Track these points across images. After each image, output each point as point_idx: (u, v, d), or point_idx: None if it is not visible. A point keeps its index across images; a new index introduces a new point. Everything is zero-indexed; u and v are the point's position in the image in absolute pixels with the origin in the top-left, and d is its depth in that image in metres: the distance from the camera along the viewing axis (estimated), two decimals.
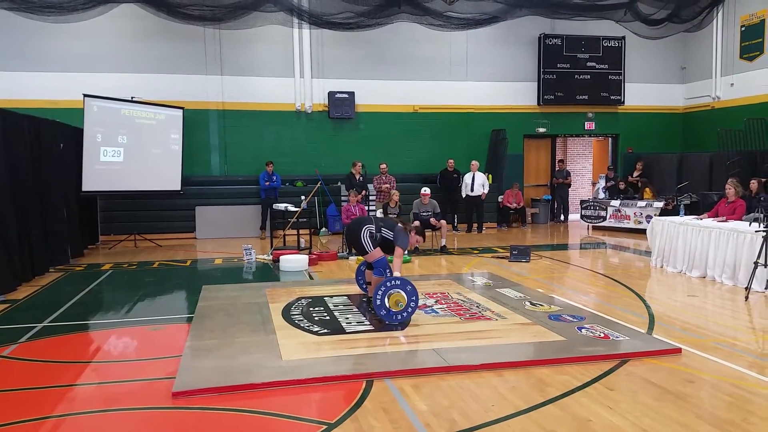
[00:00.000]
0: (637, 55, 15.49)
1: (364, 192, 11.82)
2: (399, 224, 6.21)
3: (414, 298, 5.61)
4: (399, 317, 5.57)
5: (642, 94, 15.73)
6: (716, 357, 4.72)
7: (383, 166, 13.04)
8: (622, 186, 14.28)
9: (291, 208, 10.51)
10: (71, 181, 10.45)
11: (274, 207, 11.41)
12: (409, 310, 5.61)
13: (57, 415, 3.78)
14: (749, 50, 14.03)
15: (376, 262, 6.02)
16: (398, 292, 5.54)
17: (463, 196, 13.57)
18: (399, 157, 14.18)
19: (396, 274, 5.77)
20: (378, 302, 5.53)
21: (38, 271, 8.53)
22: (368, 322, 5.65)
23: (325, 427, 3.53)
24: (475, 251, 10.74)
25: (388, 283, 5.58)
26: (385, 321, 5.57)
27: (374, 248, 6.02)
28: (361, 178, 12.62)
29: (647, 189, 13.77)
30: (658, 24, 13.99)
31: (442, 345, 4.91)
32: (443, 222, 10.76)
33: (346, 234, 6.44)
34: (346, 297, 6.74)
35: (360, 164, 12.67)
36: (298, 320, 5.74)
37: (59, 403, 3.96)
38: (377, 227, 6.10)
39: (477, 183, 13.41)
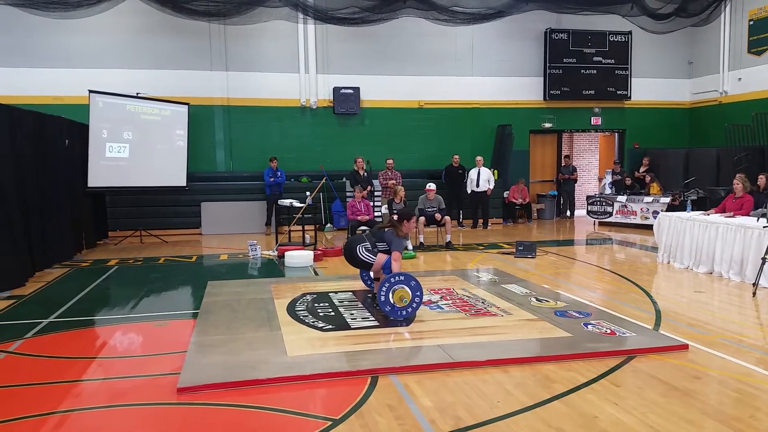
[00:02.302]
0: (643, 50, 15.40)
1: (369, 187, 11.79)
2: (387, 230, 6.22)
3: (418, 293, 5.60)
4: (404, 313, 5.55)
5: (649, 89, 15.65)
6: (723, 353, 4.69)
7: (389, 161, 13.01)
8: (628, 182, 14.22)
9: (296, 203, 10.51)
10: (77, 177, 10.47)
11: (279, 203, 11.42)
12: (414, 305, 5.59)
13: (63, 410, 3.78)
14: (757, 44, 13.93)
15: (384, 266, 6.07)
16: (402, 287, 5.53)
17: (469, 191, 13.53)
18: (404, 152, 14.15)
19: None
20: (382, 298, 5.52)
21: (43, 267, 8.56)
22: (373, 318, 5.64)
23: (330, 423, 3.52)
24: (481, 247, 10.72)
25: (393, 279, 5.57)
26: (390, 317, 5.56)
27: (376, 256, 6.13)
28: (365, 173, 12.59)
29: (654, 184, 13.69)
30: (665, 18, 13.90)
31: (447, 341, 4.89)
32: (448, 218, 10.73)
33: (345, 256, 6.46)
34: (351, 293, 6.73)
35: (362, 159, 12.63)
36: (303, 316, 5.73)
37: (65, 399, 3.96)
38: (372, 244, 6.18)
39: (482, 178, 13.37)
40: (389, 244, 6.12)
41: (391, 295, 5.51)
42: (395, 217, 6.39)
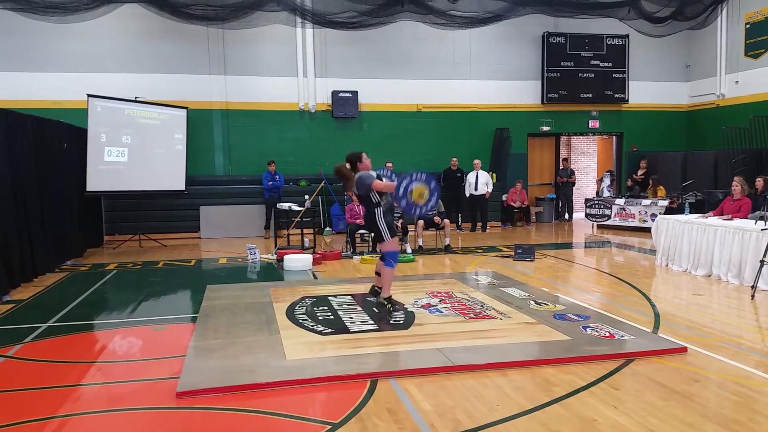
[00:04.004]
0: (641, 53, 15.43)
1: None
2: (372, 174, 5.89)
3: (435, 195, 5.66)
4: (418, 212, 5.62)
5: (646, 92, 15.67)
6: (722, 356, 4.70)
7: (389, 164, 12.99)
8: (629, 184, 14.26)
9: (295, 207, 10.51)
10: (75, 181, 10.47)
11: (278, 206, 11.41)
12: (430, 205, 5.66)
13: (62, 415, 3.78)
14: (754, 47, 13.97)
15: (388, 252, 5.88)
16: (423, 185, 5.51)
17: (467, 195, 13.55)
18: (402, 156, 14.13)
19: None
20: (401, 192, 5.47)
21: (41, 271, 8.54)
22: (372, 322, 5.64)
23: (329, 427, 3.52)
24: (480, 250, 10.72)
25: (414, 176, 5.53)
26: (406, 212, 5.66)
27: (392, 237, 5.89)
28: None
29: (661, 187, 13.60)
30: (662, 22, 13.95)
31: (447, 344, 4.89)
32: (447, 221, 10.74)
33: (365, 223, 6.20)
34: (350, 296, 6.73)
35: None
36: (302, 320, 5.73)
37: (64, 403, 3.96)
38: (374, 199, 5.79)
39: (480, 182, 13.39)
40: (363, 187, 5.74)
41: (410, 191, 5.49)
42: (347, 165, 5.97)
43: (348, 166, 5.95)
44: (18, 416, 3.72)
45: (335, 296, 6.74)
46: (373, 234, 6.17)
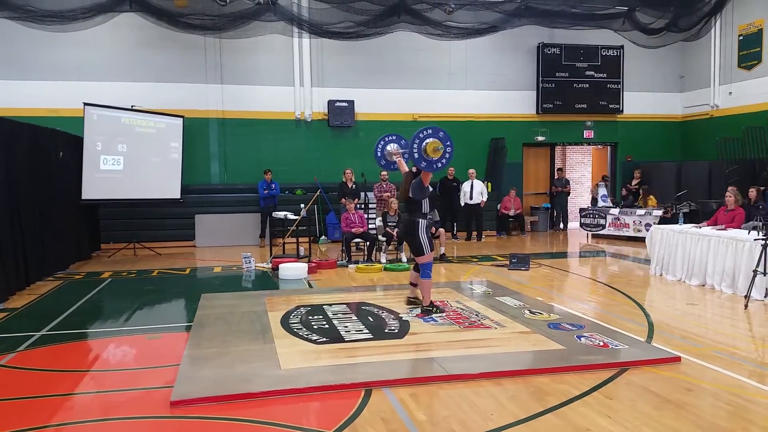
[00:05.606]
0: (635, 64, 15.55)
1: (356, 200, 11.81)
2: (413, 183, 6.23)
3: (449, 142, 5.75)
4: (439, 165, 5.73)
5: (641, 102, 15.78)
6: (716, 366, 4.71)
7: (384, 174, 13.03)
8: (624, 193, 14.31)
9: (290, 216, 10.52)
10: (71, 189, 10.46)
11: (273, 215, 11.42)
12: (447, 156, 5.76)
13: (55, 424, 3.76)
14: (747, 59, 14.09)
15: (425, 264, 6.19)
16: (433, 140, 5.60)
17: (462, 204, 13.58)
18: None
19: None
20: (416, 155, 5.57)
21: (37, 279, 8.52)
22: (367, 331, 5.64)
23: None
24: (475, 259, 10.74)
25: (421, 134, 5.67)
26: (427, 171, 5.77)
27: (431, 250, 6.22)
28: (353, 185, 12.62)
29: (651, 197, 13.67)
30: (656, 33, 14.07)
31: (441, 354, 4.90)
32: (442, 230, 10.76)
33: (402, 232, 6.45)
34: (345, 305, 6.73)
35: (350, 171, 12.67)
36: (297, 329, 5.73)
37: (57, 412, 3.94)
38: (424, 209, 6.16)
39: (475, 191, 13.42)
40: (419, 190, 6.14)
41: (423, 149, 5.54)
42: (414, 168, 6.29)
43: (414, 169, 6.27)
44: (11, 425, 3.71)
45: (330, 305, 6.74)
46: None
